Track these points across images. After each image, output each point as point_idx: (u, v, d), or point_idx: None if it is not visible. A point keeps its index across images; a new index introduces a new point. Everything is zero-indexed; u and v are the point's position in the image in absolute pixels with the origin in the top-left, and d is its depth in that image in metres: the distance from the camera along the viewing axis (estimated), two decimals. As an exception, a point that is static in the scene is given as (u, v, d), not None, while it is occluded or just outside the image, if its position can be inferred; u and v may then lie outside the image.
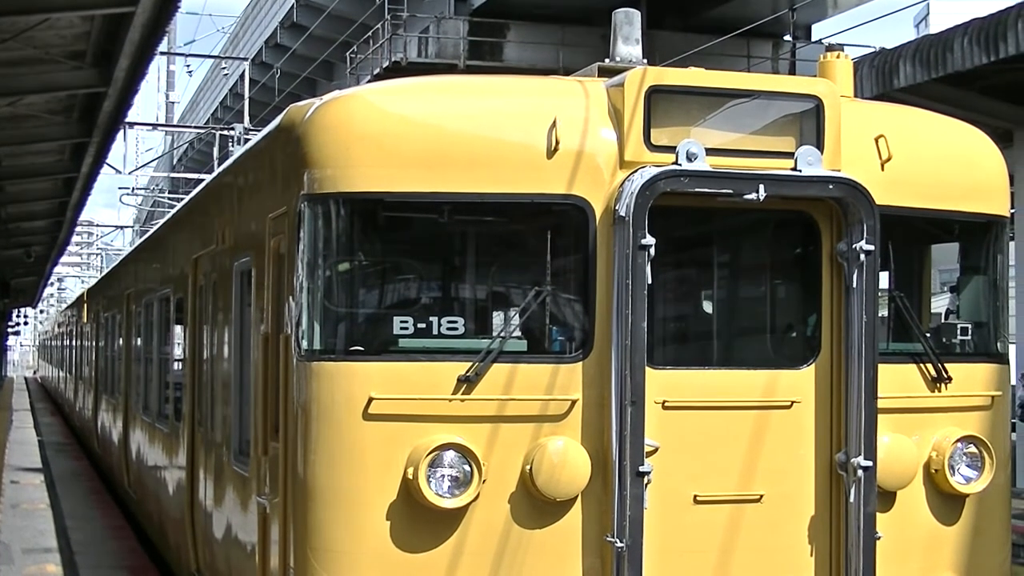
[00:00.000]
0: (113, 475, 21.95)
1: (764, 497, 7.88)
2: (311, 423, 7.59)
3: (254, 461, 8.97)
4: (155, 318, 16.03)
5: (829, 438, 8.00)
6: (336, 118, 7.77)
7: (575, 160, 7.70)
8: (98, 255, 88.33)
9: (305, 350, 7.66)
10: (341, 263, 7.80)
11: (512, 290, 8.16)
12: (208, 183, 12.82)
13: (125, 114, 19.58)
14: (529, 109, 7.86)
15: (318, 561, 7.51)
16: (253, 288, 9.27)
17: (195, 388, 11.96)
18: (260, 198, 9.15)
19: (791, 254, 8.62)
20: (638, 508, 7.49)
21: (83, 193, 27.50)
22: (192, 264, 12.23)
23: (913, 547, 8.22)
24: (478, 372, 7.53)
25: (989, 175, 8.75)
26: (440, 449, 7.41)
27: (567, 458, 7.54)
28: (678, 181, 7.63)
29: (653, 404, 7.63)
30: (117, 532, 17.80)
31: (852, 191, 7.87)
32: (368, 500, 7.46)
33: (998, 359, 8.73)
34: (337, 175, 7.61)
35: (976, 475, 8.35)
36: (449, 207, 7.72)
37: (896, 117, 8.70)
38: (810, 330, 8.21)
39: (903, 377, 8.22)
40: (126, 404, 19.26)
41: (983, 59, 20.88)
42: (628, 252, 7.51)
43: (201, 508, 11.42)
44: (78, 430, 34.04)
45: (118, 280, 22.39)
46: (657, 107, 7.74)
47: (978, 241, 8.83)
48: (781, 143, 7.92)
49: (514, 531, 7.56)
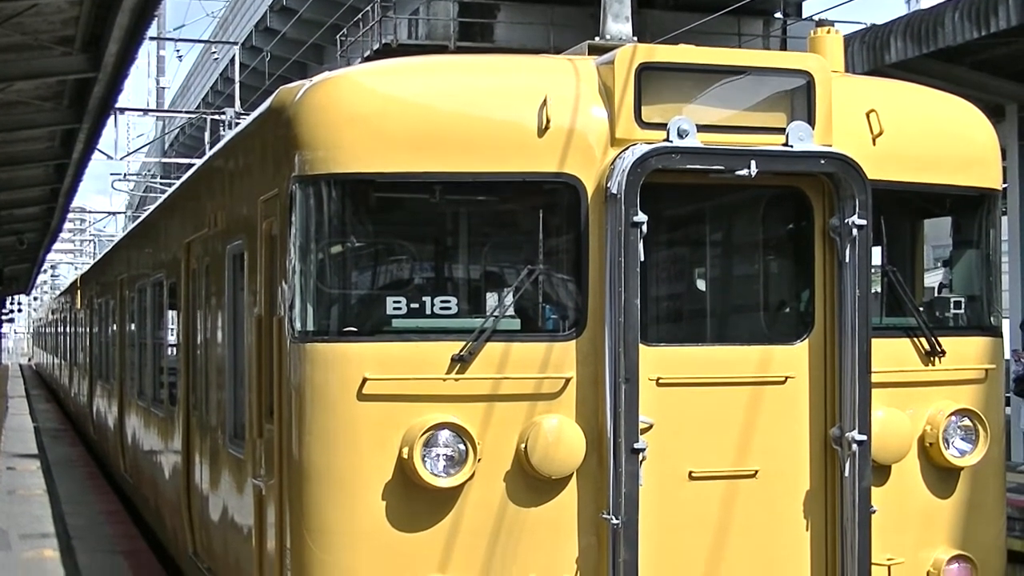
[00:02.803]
0: (109, 460, 21.97)
1: (759, 472, 7.89)
2: (305, 405, 7.59)
3: (249, 444, 8.97)
4: (148, 303, 16.02)
5: (823, 413, 8.02)
6: (326, 99, 7.76)
7: (566, 138, 7.69)
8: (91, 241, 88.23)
9: (299, 332, 7.66)
10: (333, 244, 7.79)
11: (505, 269, 8.16)
12: (199, 167, 12.80)
13: (115, 99, 19.53)
14: (519, 88, 7.85)
15: (314, 542, 7.52)
16: (246, 271, 9.26)
17: (189, 372, 11.96)
18: (251, 181, 9.13)
19: (784, 230, 8.63)
20: (633, 485, 7.51)
21: (75, 179, 27.44)
22: (185, 248, 12.22)
23: (908, 521, 8.25)
24: (472, 351, 7.54)
25: (981, 148, 8.75)
26: (435, 428, 7.42)
27: (562, 436, 7.55)
28: (670, 158, 7.63)
29: (647, 381, 7.64)
30: (114, 517, 17.82)
31: (844, 166, 7.87)
32: (364, 480, 7.47)
33: (991, 332, 8.74)
34: (328, 156, 7.60)
35: (970, 448, 8.37)
36: (440, 187, 7.71)
37: (887, 92, 8.69)
38: (803, 305, 8.22)
39: (897, 351, 8.23)
40: (121, 390, 19.26)
41: (974, 34, 20.85)
42: (620, 229, 7.51)
43: (197, 491, 11.42)
44: (73, 416, 34.04)
45: (111, 266, 22.37)
46: (648, 84, 7.73)
47: (970, 214, 8.84)
48: (772, 119, 7.92)
49: (510, 509, 7.58)
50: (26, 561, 14.43)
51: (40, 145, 23.67)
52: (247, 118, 9.96)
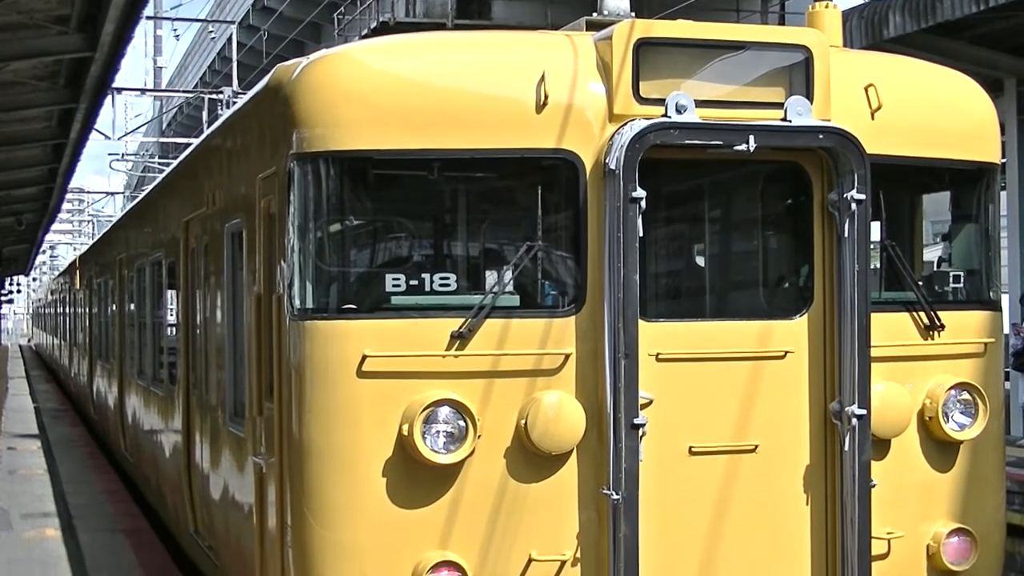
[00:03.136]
0: (109, 440, 21.99)
1: (759, 447, 7.90)
2: (305, 382, 7.59)
3: (249, 422, 8.98)
4: (147, 282, 16.02)
5: (823, 387, 8.02)
6: (324, 77, 7.74)
7: (564, 114, 7.67)
8: (89, 222, 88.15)
9: (298, 309, 7.66)
10: (332, 221, 7.79)
11: (504, 245, 8.15)
12: (198, 146, 12.78)
13: (112, 79, 19.47)
14: (517, 64, 7.83)
15: (315, 519, 7.53)
16: (244, 249, 9.26)
17: (189, 351, 11.97)
18: (249, 159, 9.12)
19: (782, 205, 8.62)
20: (633, 460, 7.52)
21: (72, 159, 27.38)
22: (183, 227, 12.21)
23: (908, 495, 8.26)
24: (471, 328, 7.54)
25: (979, 122, 8.74)
26: (435, 405, 7.42)
27: (562, 412, 7.56)
28: (668, 133, 7.62)
29: (647, 357, 7.64)
30: (114, 496, 17.85)
31: (842, 140, 7.86)
32: (364, 457, 7.48)
33: (990, 306, 8.74)
34: (326, 134, 7.59)
35: (970, 422, 8.38)
36: (438, 163, 7.70)
37: (885, 66, 8.67)
38: (802, 280, 8.22)
39: (896, 325, 8.23)
40: (121, 369, 19.27)
41: (972, 8, 20.78)
42: (619, 205, 7.51)
43: (198, 470, 11.44)
44: (73, 396, 34.07)
45: (110, 246, 22.36)
46: (646, 60, 7.71)
47: (969, 189, 8.83)
48: (770, 94, 7.91)
49: (510, 485, 7.59)
50: (27, 540, 14.46)
51: (37, 125, 23.61)
52: (245, 96, 9.95)
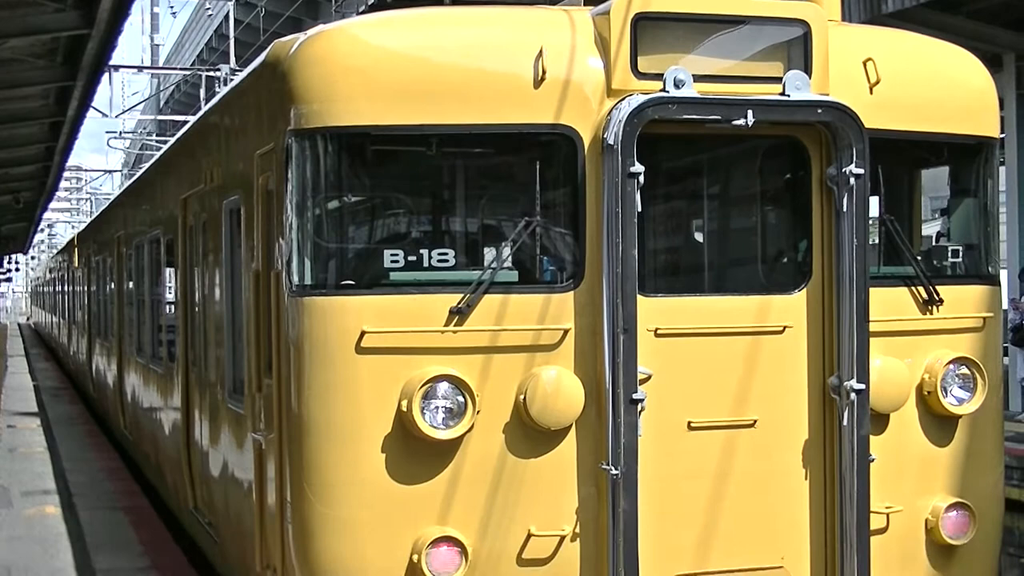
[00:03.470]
0: (109, 418, 22.00)
1: (757, 422, 7.91)
2: (304, 358, 7.59)
3: (248, 398, 8.98)
4: (146, 260, 16.01)
5: (821, 362, 8.03)
6: (321, 52, 7.72)
7: (562, 89, 7.66)
8: (87, 200, 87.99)
9: (296, 285, 7.65)
10: (330, 197, 7.78)
11: (502, 221, 8.15)
12: (195, 122, 12.75)
13: (109, 56, 19.38)
14: (515, 39, 7.82)
15: (314, 495, 7.54)
16: (243, 226, 9.25)
17: (188, 328, 11.97)
18: (247, 135, 9.10)
19: (781, 180, 8.61)
20: (632, 435, 7.52)
21: (70, 137, 27.29)
22: (181, 205, 12.19)
23: (907, 469, 8.27)
24: (470, 303, 7.54)
25: (978, 96, 8.72)
26: (433, 381, 7.42)
27: (560, 387, 7.56)
28: (666, 108, 7.60)
29: (645, 332, 7.64)
30: (114, 474, 17.87)
31: (841, 115, 7.85)
32: (363, 433, 7.48)
33: (989, 281, 8.74)
34: (323, 110, 7.57)
35: (968, 396, 8.39)
36: (436, 139, 7.69)
37: (884, 40, 8.65)
38: (801, 255, 8.22)
39: (894, 300, 8.23)
40: (120, 347, 19.27)
41: (971, -18, 20.77)
42: (617, 180, 7.50)
43: (197, 447, 11.45)
44: (73, 374, 34.07)
45: (108, 223, 22.33)
46: (644, 34, 7.70)
47: (968, 163, 8.82)
48: (769, 68, 7.90)
49: (509, 461, 7.60)
50: (28, 518, 14.48)
51: (34, 103, 23.53)
52: (242, 73, 9.93)
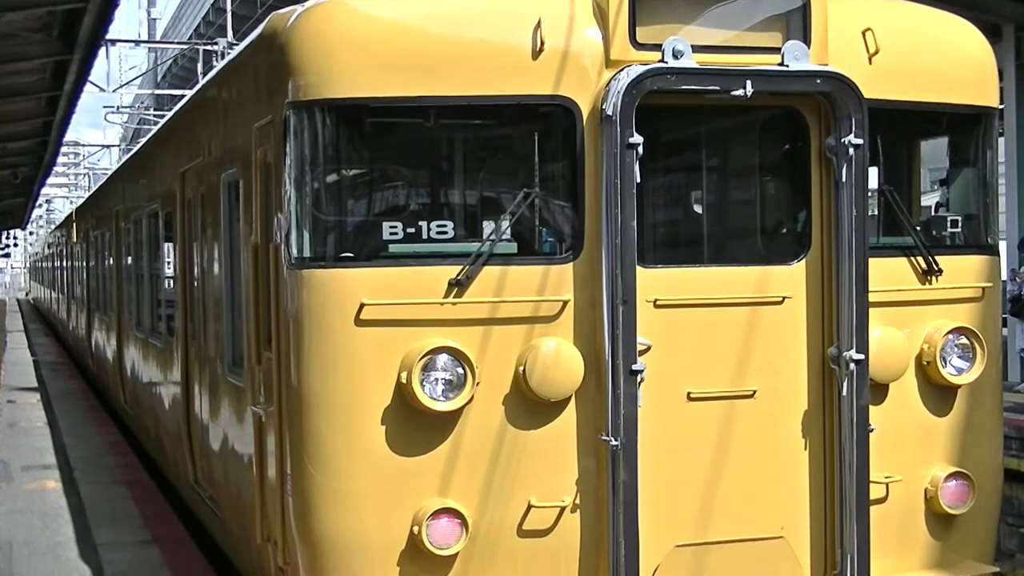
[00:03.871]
0: (109, 392, 22.02)
1: (757, 393, 7.92)
2: (303, 331, 7.59)
3: (248, 372, 8.99)
4: (144, 234, 15.99)
5: (821, 333, 8.03)
6: (319, 24, 7.70)
7: (561, 60, 7.64)
8: (85, 175, 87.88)
9: (295, 258, 7.65)
10: (328, 170, 7.76)
11: (501, 193, 8.13)
12: (193, 96, 12.73)
13: (106, 30, 19.34)
14: (513, 10, 7.78)
15: (314, 467, 7.55)
16: (241, 199, 9.24)
17: (187, 302, 11.97)
18: (245, 108, 9.08)
19: (780, 151, 8.60)
20: (632, 407, 7.53)
21: (67, 112, 27.25)
22: (179, 178, 12.18)
23: (906, 439, 8.29)
24: (469, 275, 7.53)
25: (978, 66, 8.70)
26: (433, 353, 7.43)
27: (560, 358, 7.57)
28: (665, 79, 7.59)
29: (645, 303, 7.64)
30: (114, 448, 17.89)
31: (840, 85, 7.83)
32: (363, 405, 7.49)
33: (988, 251, 8.74)
34: (321, 81, 7.56)
35: (968, 366, 8.40)
36: (435, 111, 7.67)
37: (883, 10, 8.62)
38: (800, 226, 8.21)
39: (894, 270, 8.23)
40: (119, 322, 19.27)
41: (971, -47, 20.68)
42: (616, 151, 7.49)
43: (197, 421, 11.46)
44: (72, 349, 34.09)
45: (106, 198, 22.30)
46: (642, 5, 7.68)
47: (968, 133, 8.80)
48: (768, 39, 7.88)
49: (509, 432, 7.61)
50: (29, 492, 14.52)
51: (31, 78, 23.48)
52: (240, 45, 9.90)
